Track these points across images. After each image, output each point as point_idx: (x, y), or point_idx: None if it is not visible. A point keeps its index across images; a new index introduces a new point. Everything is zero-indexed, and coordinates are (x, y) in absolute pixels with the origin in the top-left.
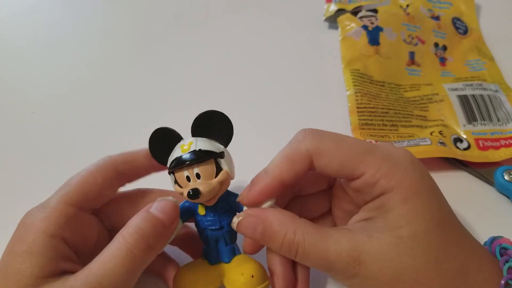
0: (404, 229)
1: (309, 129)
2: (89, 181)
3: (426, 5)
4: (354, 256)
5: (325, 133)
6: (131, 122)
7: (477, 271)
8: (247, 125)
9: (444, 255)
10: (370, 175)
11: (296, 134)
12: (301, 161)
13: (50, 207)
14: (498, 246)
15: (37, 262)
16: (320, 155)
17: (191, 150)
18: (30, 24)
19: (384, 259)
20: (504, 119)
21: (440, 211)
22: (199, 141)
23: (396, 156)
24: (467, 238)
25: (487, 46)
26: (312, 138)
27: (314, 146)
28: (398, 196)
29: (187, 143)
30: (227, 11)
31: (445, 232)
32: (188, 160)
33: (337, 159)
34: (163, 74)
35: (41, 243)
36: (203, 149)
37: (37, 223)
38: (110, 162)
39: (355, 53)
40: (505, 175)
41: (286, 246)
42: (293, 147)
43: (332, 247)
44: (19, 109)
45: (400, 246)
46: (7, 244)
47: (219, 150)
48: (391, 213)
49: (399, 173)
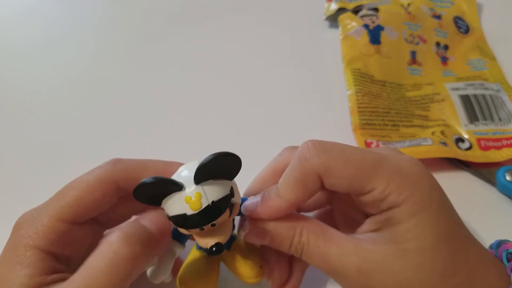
0: (411, 243)
1: (312, 143)
2: (86, 198)
3: (428, 4)
4: (356, 263)
5: (330, 147)
6: (131, 121)
7: (483, 281)
8: (247, 124)
9: (451, 268)
10: (380, 191)
11: (300, 149)
12: (313, 183)
13: (41, 223)
14: (505, 251)
15: (26, 273)
16: (329, 174)
17: (203, 208)
18: (29, 24)
19: (387, 270)
20: (505, 119)
21: (448, 224)
22: (207, 190)
23: (406, 169)
24: (473, 247)
25: (489, 46)
26: (318, 156)
27: (322, 166)
28: (406, 211)
29: (193, 195)
30: (227, 11)
31: (452, 245)
32: (203, 223)
33: (346, 178)
34: (163, 74)
35: (31, 256)
36: (216, 200)
37: (28, 237)
38: (112, 177)
39: (356, 53)
40: (507, 176)
41: (294, 248)
42: (302, 169)
43: (334, 250)
44: (18, 109)
45: (405, 259)
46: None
47: (229, 189)
48: (398, 226)
49: (409, 187)
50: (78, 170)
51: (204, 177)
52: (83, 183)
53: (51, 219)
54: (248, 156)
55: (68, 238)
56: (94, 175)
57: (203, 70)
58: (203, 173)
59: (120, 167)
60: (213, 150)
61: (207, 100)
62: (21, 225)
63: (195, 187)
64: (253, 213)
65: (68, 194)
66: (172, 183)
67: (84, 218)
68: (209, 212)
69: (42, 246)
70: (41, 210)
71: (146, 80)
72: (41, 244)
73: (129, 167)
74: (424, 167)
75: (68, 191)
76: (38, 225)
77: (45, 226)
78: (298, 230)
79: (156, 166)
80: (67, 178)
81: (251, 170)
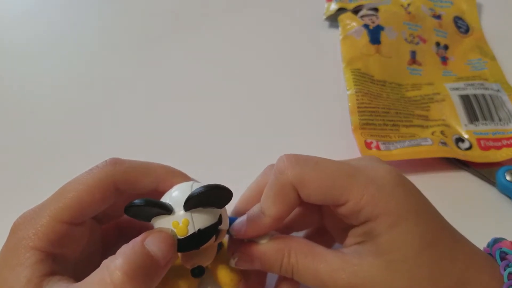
0: (394, 254)
1: (287, 157)
2: (86, 199)
3: (427, 4)
4: (344, 279)
5: (306, 160)
6: (131, 121)
7: (476, 280)
8: (247, 124)
9: (439, 273)
10: (354, 203)
11: (276, 163)
12: (290, 195)
13: (41, 224)
14: (498, 250)
15: (26, 275)
16: (303, 186)
17: (189, 234)
18: (29, 24)
19: (376, 282)
20: (505, 119)
21: (429, 230)
22: (195, 217)
23: (381, 179)
24: (462, 247)
25: (489, 45)
26: (293, 168)
27: (296, 178)
28: (384, 223)
29: (181, 221)
30: (226, 10)
31: (438, 249)
32: (189, 247)
33: (320, 189)
34: (162, 73)
35: (31, 257)
36: (203, 228)
37: (28, 238)
38: (111, 178)
39: (355, 52)
40: (507, 175)
41: (284, 270)
42: (278, 182)
43: (323, 268)
44: (18, 109)
45: (391, 270)
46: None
47: (217, 218)
48: (379, 239)
49: (384, 199)
50: (78, 170)
51: (194, 205)
52: (82, 185)
53: (50, 220)
54: (248, 156)
55: (67, 238)
56: (93, 176)
57: (203, 71)
58: (193, 202)
59: (120, 169)
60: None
61: (207, 100)
62: (19, 226)
63: (183, 213)
64: (241, 233)
65: (67, 195)
66: (161, 207)
67: (82, 219)
68: (195, 239)
69: (42, 247)
70: (40, 211)
71: (146, 80)
72: (41, 245)
73: (129, 169)
74: (400, 175)
75: (67, 192)
76: (37, 226)
77: (44, 227)
78: (286, 252)
79: (157, 172)
80: (66, 177)
81: (250, 170)
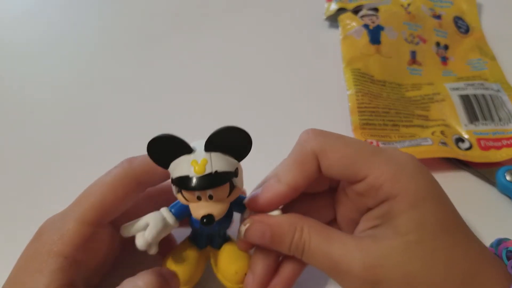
0: (412, 235)
1: (312, 130)
2: (110, 198)
3: (427, 4)
4: (360, 259)
5: (329, 133)
6: (131, 121)
7: (485, 274)
8: (246, 124)
9: (453, 258)
10: (374, 177)
11: (300, 135)
12: (310, 163)
13: (67, 228)
14: (505, 249)
15: (44, 283)
16: (325, 156)
17: (206, 173)
18: (30, 24)
19: (392, 263)
20: (505, 119)
21: (447, 216)
22: (213, 158)
23: (402, 160)
24: (474, 241)
25: (489, 46)
26: (315, 138)
27: (318, 146)
28: (404, 203)
29: (200, 160)
30: (226, 10)
31: (453, 236)
32: (203, 186)
33: (341, 160)
34: (162, 73)
35: (52, 264)
36: (220, 170)
37: (52, 243)
38: (131, 173)
39: (356, 52)
40: (507, 176)
41: (295, 247)
42: (299, 150)
43: (336, 247)
44: (18, 109)
45: (409, 251)
46: (21, 254)
47: (234, 168)
48: (398, 219)
49: (404, 178)
50: (78, 170)
51: (214, 145)
52: (104, 185)
53: (76, 222)
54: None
55: (91, 242)
56: (113, 174)
57: (203, 71)
58: (214, 141)
59: (136, 163)
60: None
61: (207, 101)
62: (44, 230)
63: (203, 153)
64: (254, 201)
65: (92, 195)
66: (183, 143)
67: (108, 219)
68: (210, 178)
69: (66, 252)
70: (65, 215)
71: (146, 80)
72: (65, 250)
73: (143, 161)
74: (420, 162)
75: (91, 193)
76: (63, 230)
77: (70, 231)
78: (299, 227)
79: None
80: (66, 177)
81: (250, 170)
